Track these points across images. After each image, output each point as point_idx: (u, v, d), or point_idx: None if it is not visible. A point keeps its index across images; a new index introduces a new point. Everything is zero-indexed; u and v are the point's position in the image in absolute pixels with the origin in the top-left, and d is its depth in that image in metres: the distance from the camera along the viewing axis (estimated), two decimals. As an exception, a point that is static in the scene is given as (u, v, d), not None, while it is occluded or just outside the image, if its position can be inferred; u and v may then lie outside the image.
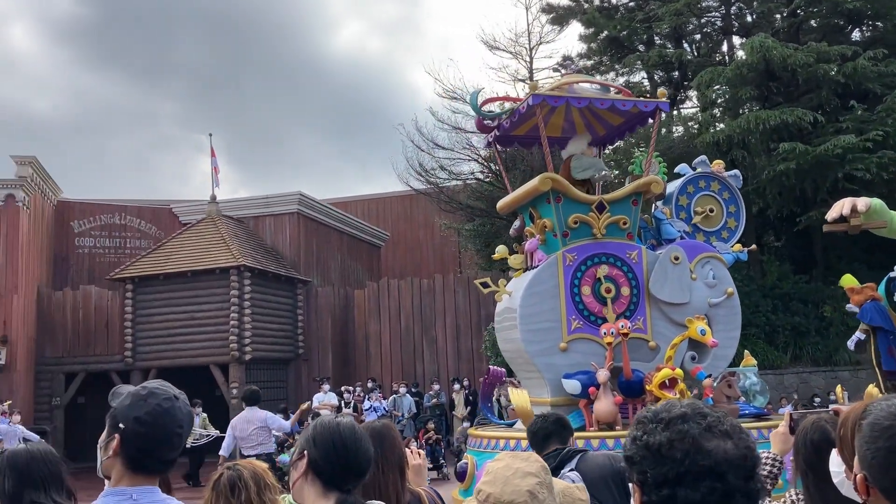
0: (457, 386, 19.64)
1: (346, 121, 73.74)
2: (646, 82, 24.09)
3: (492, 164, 23.14)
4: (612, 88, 10.09)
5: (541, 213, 9.04)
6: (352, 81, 73.02)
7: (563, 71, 12.35)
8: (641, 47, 24.24)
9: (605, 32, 24.16)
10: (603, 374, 7.76)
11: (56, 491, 2.83)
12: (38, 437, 14.90)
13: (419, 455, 3.42)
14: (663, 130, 20.66)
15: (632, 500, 1.54)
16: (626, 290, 8.57)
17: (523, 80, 23.84)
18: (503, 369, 9.93)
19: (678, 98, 24.00)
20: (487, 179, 23.19)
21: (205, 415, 16.92)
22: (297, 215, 24.11)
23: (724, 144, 19.63)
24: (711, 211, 9.46)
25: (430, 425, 16.36)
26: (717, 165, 9.69)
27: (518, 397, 7.90)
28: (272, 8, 71.25)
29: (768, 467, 3.46)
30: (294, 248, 23.88)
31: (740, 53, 21.53)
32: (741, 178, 10.01)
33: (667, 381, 7.57)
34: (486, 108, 9.75)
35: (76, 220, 23.34)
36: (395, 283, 23.54)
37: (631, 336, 8.13)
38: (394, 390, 19.22)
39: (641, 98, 9.86)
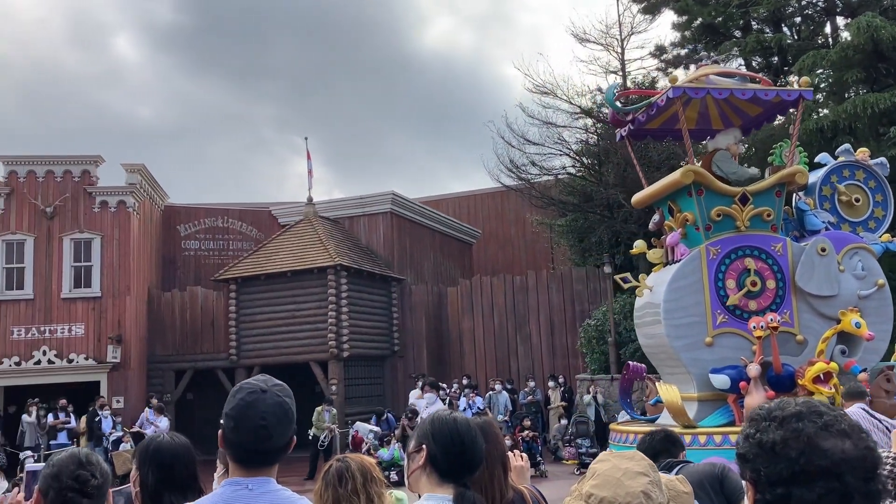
0: (552, 383, 19.52)
1: (437, 118, 74.25)
2: (743, 69, 23.28)
3: (584, 158, 22.85)
4: (748, 78, 9.86)
5: (681, 207, 8.99)
6: (442, 77, 73.47)
7: (695, 65, 12.23)
8: (738, 33, 23.46)
9: (700, 20, 23.50)
10: (754, 369, 7.69)
11: (192, 494, 2.90)
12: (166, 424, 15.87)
13: (521, 458, 3.44)
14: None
15: (745, 499, 1.52)
16: (771, 283, 8.50)
17: (615, 72, 23.46)
18: (643, 365, 9.85)
19: (777, 84, 23.08)
20: (579, 174, 22.92)
21: (334, 411, 17.41)
22: (391, 214, 24.47)
23: (828, 130, 18.79)
24: (857, 200, 9.18)
25: (527, 423, 16.31)
26: (862, 154, 9.40)
27: (668, 392, 7.88)
28: (362, 7, 72.49)
29: (889, 467, 3.32)
30: (388, 246, 24.25)
31: (845, 35, 20.56)
32: (887, 165, 9.64)
33: (821, 376, 7.46)
34: (617, 102, 9.74)
35: (182, 224, 24.39)
36: (487, 280, 23.59)
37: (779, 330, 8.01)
38: (490, 387, 19.26)
39: (783, 87, 9.57)
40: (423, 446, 2.39)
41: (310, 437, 16.48)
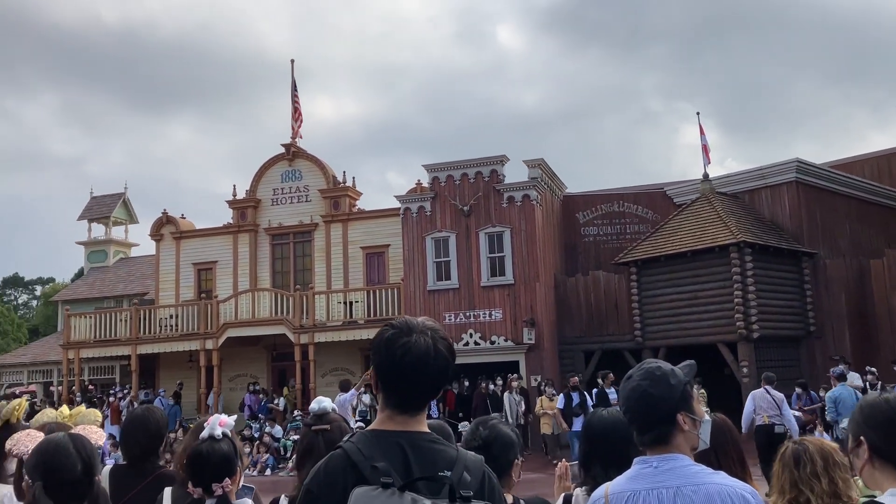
0: None
1: (853, 59, 66.32)
2: None
3: None
4: None
5: None
6: (861, 7, 65.33)
7: None
8: None
9: None
10: None
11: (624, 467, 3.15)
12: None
13: None
14: None
15: None
16: None
17: None
18: None
19: None
20: None
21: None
22: (796, 184, 22.72)
23: None
24: None
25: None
26: None
27: None
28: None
29: None
30: (795, 219, 22.56)
31: None
32: None
33: None
34: None
35: (580, 212, 25.46)
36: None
37: None
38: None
39: None
40: (862, 438, 2.25)
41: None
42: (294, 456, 19.08)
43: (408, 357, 1.98)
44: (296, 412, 21.89)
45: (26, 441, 2.45)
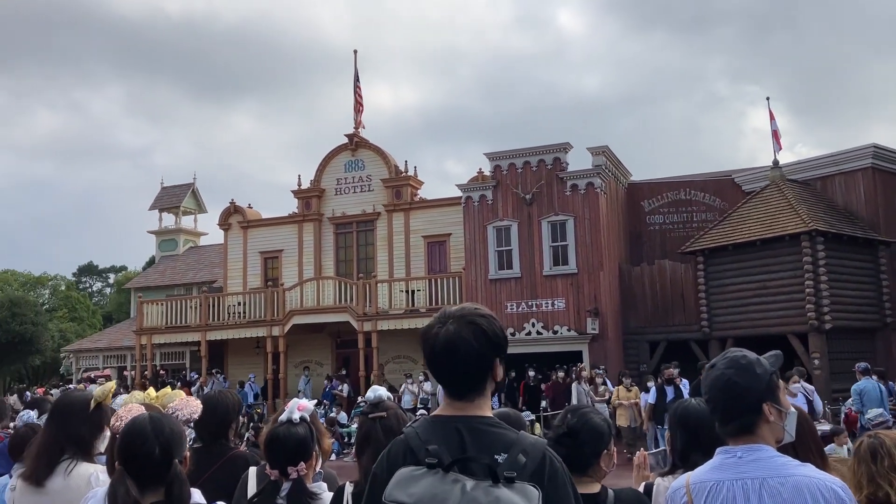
0: None
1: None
2: None
3: None
4: None
5: None
6: None
7: None
8: None
9: None
10: None
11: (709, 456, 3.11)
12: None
13: None
14: None
15: None
16: None
17: None
18: None
19: None
20: None
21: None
22: (872, 170, 21.93)
23: None
24: None
25: None
26: None
27: None
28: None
29: None
30: (870, 206, 21.79)
31: None
32: None
33: None
34: None
35: (646, 200, 25.07)
36: None
37: None
38: None
39: None
40: None
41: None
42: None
43: (436, 346, 2.08)
44: (359, 399, 22.18)
45: (127, 418, 2.54)
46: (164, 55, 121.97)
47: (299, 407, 3.16)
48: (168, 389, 3.42)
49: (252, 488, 3.25)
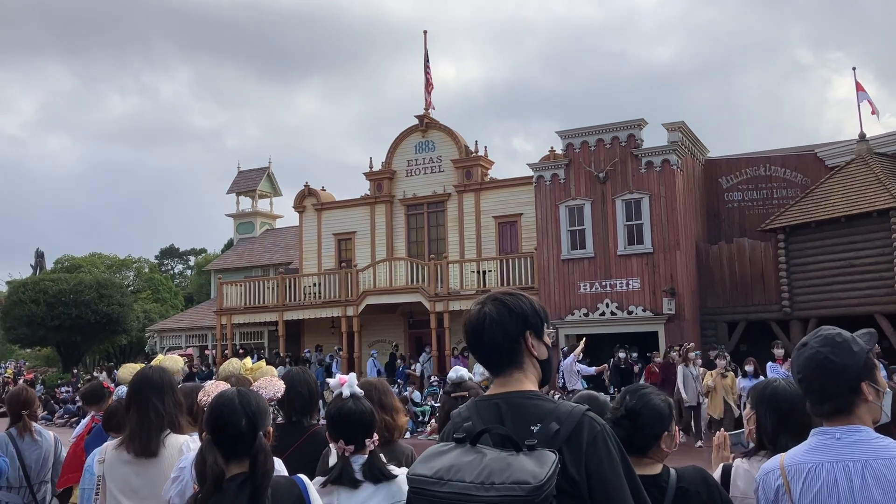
0: None
1: None
2: None
3: None
4: None
5: None
6: None
7: None
8: None
9: None
10: None
11: (801, 439, 2.99)
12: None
13: None
14: None
15: None
16: None
17: None
18: None
19: None
20: None
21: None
22: (969, 142, 20.79)
23: None
24: None
25: None
26: None
27: None
28: None
29: None
30: (967, 180, 20.66)
31: None
32: None
33: None
34: None
35: (724, 177, 24.37)
36: None
37: None
38: None
39: None
40: None
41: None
42: (431, 420, 19.58)
43: (466, 327, 2.23)
44: (433, 378, 22.37)
45: (215, 393, 2.62)
46: (229, 36, 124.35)
47: (340, 381, 3.19)
48: (263, 363, 3.52)
49: (332, 463, 3.31)
